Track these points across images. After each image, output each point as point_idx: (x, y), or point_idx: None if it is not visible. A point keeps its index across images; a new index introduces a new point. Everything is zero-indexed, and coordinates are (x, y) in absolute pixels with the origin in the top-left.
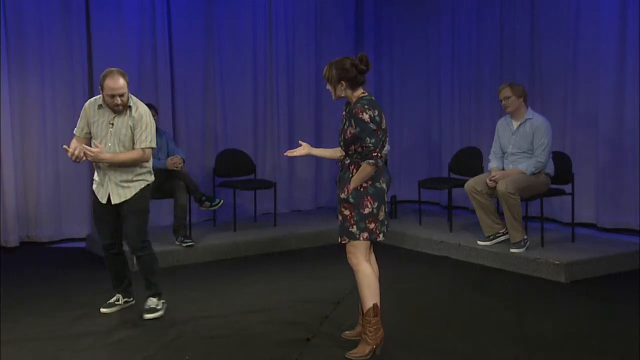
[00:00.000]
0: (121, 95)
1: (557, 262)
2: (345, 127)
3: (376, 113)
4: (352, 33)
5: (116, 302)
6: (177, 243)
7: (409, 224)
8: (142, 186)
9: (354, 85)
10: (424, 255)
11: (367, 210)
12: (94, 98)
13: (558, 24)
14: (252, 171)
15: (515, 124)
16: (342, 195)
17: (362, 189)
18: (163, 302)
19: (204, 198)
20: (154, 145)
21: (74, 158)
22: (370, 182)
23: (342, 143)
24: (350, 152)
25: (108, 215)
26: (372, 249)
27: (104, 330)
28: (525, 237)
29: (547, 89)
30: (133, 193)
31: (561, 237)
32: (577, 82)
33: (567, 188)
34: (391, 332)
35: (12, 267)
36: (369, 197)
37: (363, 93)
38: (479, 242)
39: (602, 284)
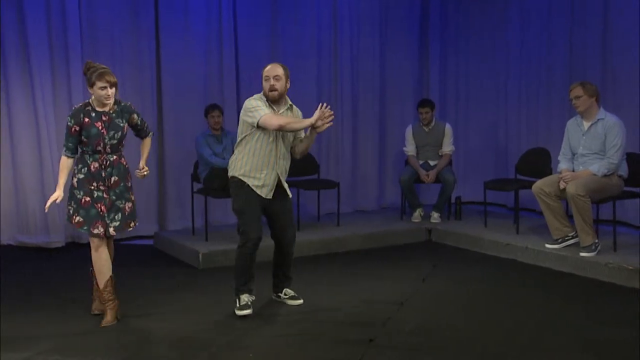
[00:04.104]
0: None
1: (630, 268)
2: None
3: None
4: (417, 31)
5: (250, 303)
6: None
7: (474, 226)
8: None
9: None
10: (489, 258)
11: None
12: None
13: (631, 20)
14: (316, 171)
15: (586, 125)
16: (129, 184)
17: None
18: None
19: None
20: None
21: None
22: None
23: (117, 141)
24: (119, 147)
25: (260, 207)
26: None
27: (171, 326)
28: (597, 240)
29: (620, 87)
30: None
31: (635, 241)
32: None
33: None
34: (457, 335)
35: (84, 263)
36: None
37: None
38: (547, 245)
39: None
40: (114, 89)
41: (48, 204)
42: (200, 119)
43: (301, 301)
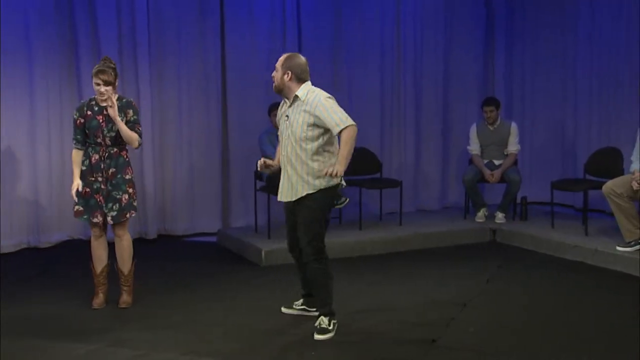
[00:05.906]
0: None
1: None
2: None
3: None
4: (482, 28)
5: (297, 307)
6: None
7: (541, 227)
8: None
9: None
10: (556, 260)
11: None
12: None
13: None
14: (378, 170)
15: None
16: (127, 177)
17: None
18: (334, 323)
19: None
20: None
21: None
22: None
23: (115, 134)
24: (119, 140)
25: (292, 214)
26: None
27: (232, 322)
28: None
29: None
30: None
31: None
32: None
33: None
34: (521, 338)
35: (150, 258)
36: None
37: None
38: (618, 248)
39: None
40: (109, 87)
41: (73, 193)
42: (264, 116)
43: (325, 337)
